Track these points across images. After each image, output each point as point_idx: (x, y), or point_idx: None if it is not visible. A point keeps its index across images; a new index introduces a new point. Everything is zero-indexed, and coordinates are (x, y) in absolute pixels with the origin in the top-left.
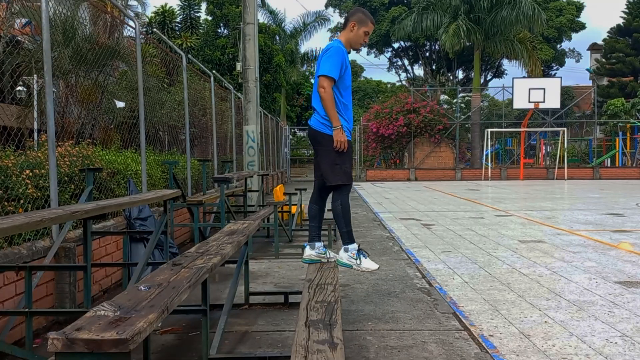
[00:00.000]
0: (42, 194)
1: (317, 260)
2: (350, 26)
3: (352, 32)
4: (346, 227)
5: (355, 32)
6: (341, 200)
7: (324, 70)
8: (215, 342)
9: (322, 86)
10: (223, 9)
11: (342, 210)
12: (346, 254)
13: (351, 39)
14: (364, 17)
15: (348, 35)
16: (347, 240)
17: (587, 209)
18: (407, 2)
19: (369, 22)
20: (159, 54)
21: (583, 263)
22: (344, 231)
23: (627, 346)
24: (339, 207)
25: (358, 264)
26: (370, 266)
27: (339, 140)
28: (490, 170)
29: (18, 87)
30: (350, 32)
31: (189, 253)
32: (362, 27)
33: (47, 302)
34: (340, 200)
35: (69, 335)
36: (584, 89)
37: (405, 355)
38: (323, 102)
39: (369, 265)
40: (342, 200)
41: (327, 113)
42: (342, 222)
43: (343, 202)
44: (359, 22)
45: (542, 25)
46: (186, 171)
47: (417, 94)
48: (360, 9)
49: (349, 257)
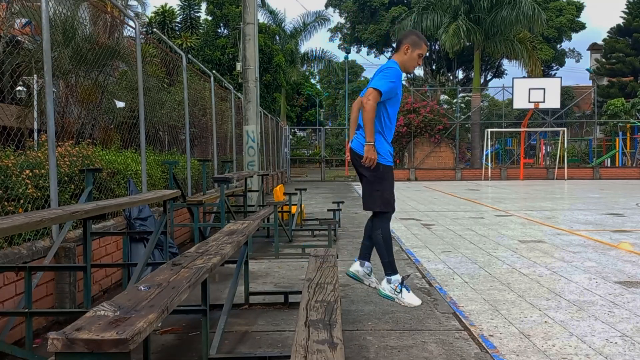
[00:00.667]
0: (42, 194)
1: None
2: (404, 49)
3: (406, 55)
4: (388, 257)
5: (409, 54)
6: (382, 229)
7: (376, 83)
8: (215, 342)
9: (368, 97)
10: (223, 9)
11: (383, 238)
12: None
13: (405, 61)
14: (417, 40)
15: (402, 57)
16: (389, 270)
17: (587, 209)
18: (407, 2)
19: (423, 44)
20: (159, 54)
21: (583, 263)
22: (386, 261)
23: (627, 346)
24: (379, 235)
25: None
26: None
27: (368, 156)
28: (490, 170)
29: (18, 87)
30: (404, 55)
31: (188, 253)
32: (416, 50)
33: (47, 302)
34: (381, 229)
35: (69, 335)
36: (584, 89)
37: (405, 355)
38: (364, 112)
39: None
40: (382, 229)
41: (364, 125)
42: (383, 251)
43: (384, 231)
44: (412, 45)
45: (542, 25)
46: (186, 171)
47: (417, 94)
48: (413, 31)
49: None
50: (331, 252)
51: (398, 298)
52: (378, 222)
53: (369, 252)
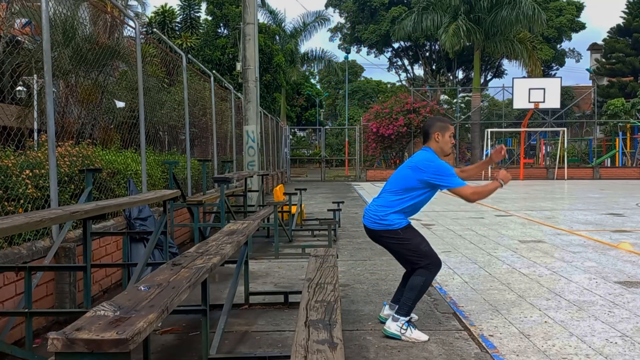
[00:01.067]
0: (42, 194)
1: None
2: (435, 137)
3: (438, 142)
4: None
5: (442, 140)
6: (426, 279)
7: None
8: (215, 342)
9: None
10: (223, 9)
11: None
12: (394, 323)
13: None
14: (443, 124)
15: (435, 145)
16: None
17: (587, 209)
18: (407, 2)
19: (449, 125)
20: (159, 54)
21: (583, 263)
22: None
23: (627, 346)
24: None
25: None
26: (422, 338)
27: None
28: (490, 170)
29: (18, 87)
30: (436, 142)
31: (188, 253)
32: (447, 133)
33: (47, 302)
34: (426, 279)
35: (69, 335)
36: (584, 89)
37: (405, 355)
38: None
39: (420, 336)
40: (427, 279)
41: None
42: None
43: (427, 281)
44: (441, 130)
45: (542, 25)
46: (186, 171)
47: (417, 94)
48: (436, 118)
49: (397, 326)
50: (331, 252)
51: (405, 335)
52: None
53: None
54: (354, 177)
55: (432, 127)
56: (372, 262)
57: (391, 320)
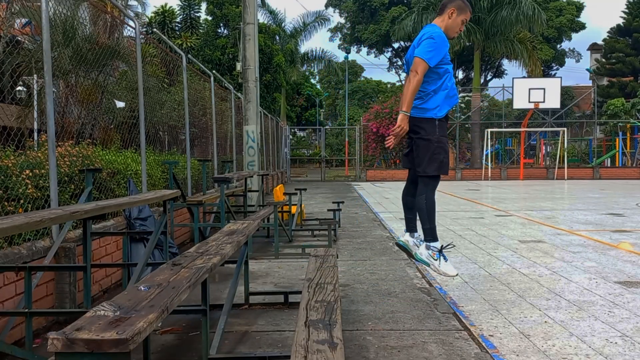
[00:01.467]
0: (42, 194)
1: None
2: (449, 12)
3: (450, 19)
4: (429, 224)
5: (454, 19)
6: (426, 195)
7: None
8: (215, 342)
9: (416, 70)
10: (223, 9)
11: (427, 205)
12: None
13: (448, 25)
14: (463, 5)
15: (446, 22)
16: (429, 237)
17: (587, 209)
18: (407, 2)
19: (468, 10)
20: (159, 54)
21: (583, 263)
22: (427, 227)
23: (627, 346)
24: (423, 202)
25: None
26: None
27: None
28: (490, 170)
29: (18, 87)
30: (448, 18)
31: (188, 253)
32: (462, 15)
33: (47, 302)
34: (426, 195)
35: (69, 335)
36: (584, 89)
37: (405, 355)
38: (408, 84)
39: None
40: (427, 195)
41: (404, 95)
42: (426, 217)
43: (428, 197)
44: (458, 10)
45: (542, 25)
46: (186, 171)
47: None
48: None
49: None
50: (331, 252)
51: (434, 265)
52: (423, 188)
53: (413, 223)
54: (354, 177)
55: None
56: (372, 262)
57: (424, 247)
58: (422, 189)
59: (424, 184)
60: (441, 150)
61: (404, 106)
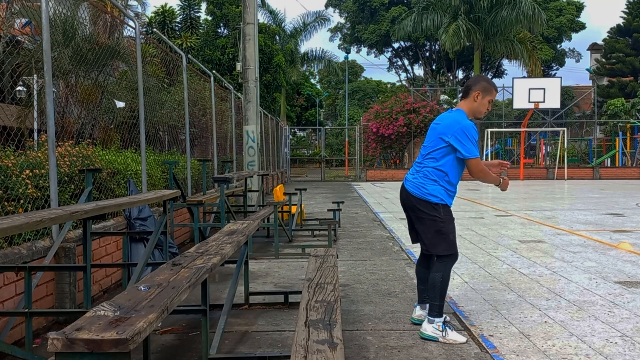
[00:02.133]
0: (42, 194)
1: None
2: (474, 95)
3: (475, 102)
4: (439, 301)
5: (480, 101)
6: (443, 273)
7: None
8: (215, 342)
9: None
10: (223, 9)
11: (441, 282)
12: (431, 325)
13: (475, 108)
14: (488, 86)
15: (472, 105)
16: (435, 313)
17: (587, 209)
18: (407, 2)
19: (493, 90)
20: (159, 54)
21: (583, 263)
22: (436, 304)
23: (627, 346)
24: (439, 278)
25: (445, 337)
26: (459, 339)
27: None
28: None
29: (18, 87)
30: (474, 101)
31: (188, 253)
32: (487, 97)
33: (47, 302)
34: (443, 273)
35: (69, 335)
36: (584, 89)
37: (405, 355)
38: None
39: (457, 338)
40: (444, 273)
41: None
42: (437, 294)
43: (444, 275)
44: (483, 92)
45: (542, 25)
46: (186, 171)
47: (417, 94)
48: (482, 77)
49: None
50: (331, 252)
51: (443, 337)
52: (440, 265)
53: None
54: (354, 177)
55: (476, 85)
56: (372, 262)
57: (427, 323)
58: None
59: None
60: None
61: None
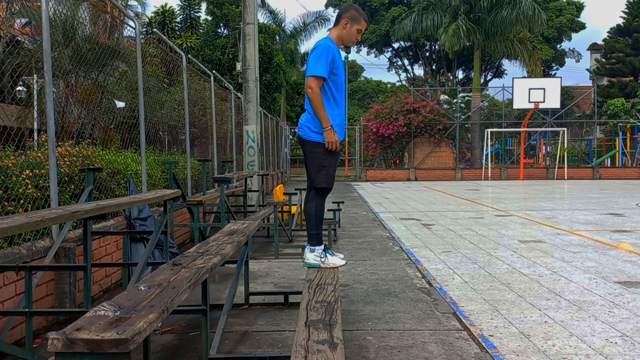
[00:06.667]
0: (42, 194)
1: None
2: (343, 23)
3: (344, 30)
4: (316, 230)
5: (348, 29)
6: (316, 203)
7: (311, 70)
8: (215, 342)
9: (310, 87)
10: (223, 9)
11: (316, 212)
12: (312, 254)
13: (343, 36)
14: (357, 15)
15: (340, 32)
16: (314, 242)
17: (587, 209)
18: (407, 2)
19: (362, 19)
20: (159, 54)
21: (583, 263)
22: (313, 233)
23: (627, 346)
24: (313, 208)
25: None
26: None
27: (329, 141)
28: (490, 170)
29: (18, 87)
30: (342, 29)
31: (189, 253)
32: (355, 25)
33: (47, 302)
34: (316, 203)
35: (69, 335)
36: (584, 89)
37: (405, 355)
38: (311, 102)
39: (336, 261)
40: (317, 203)
41: (316, 114)
42: (313, 223)
43: (318, 205)
44: (352, 20)
45: (542, 25)
46: (186, 171)
47: (417, 94)
48: (353, 5)
49: (315, 256)
50: None
51: (323, 262)
52: (314, 196)
53: None
54: (354, 177)
55: (345, 13)
56: (372, 262)
57: (309, 252)
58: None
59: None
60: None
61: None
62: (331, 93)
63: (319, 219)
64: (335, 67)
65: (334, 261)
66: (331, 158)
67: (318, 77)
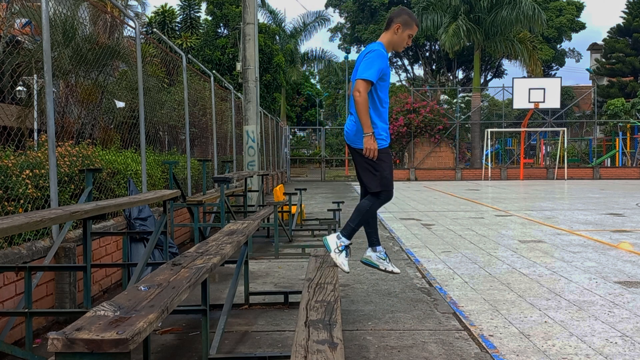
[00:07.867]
0: (42, 194)
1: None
2: (395, 28)
3: (396, 35)
4: (355, 226)
5: (400, 34)
6: (372, 204)
7: (363, 73)
8: (215, 342)
9: (358, 90)
10: (223, 9)
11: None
12: (337, 240)
13: (395, 41)
14: (409, 20)
15: (392, 37)
16: (345, 233)
17: (587, 209)
18: (407, 2)
19: (414, 24)
20: (159, 54)
21: (583, 263)
22: (352, 226)
23: (627, 346)
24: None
25: (334, 256)
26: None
27: (368, 147)
28: (490, 170)
29: (18, 87)
30: (394, 34)
31: (188, 253)
32: (407, 30)
33: (47, 302)
34: (371, 204)
35: (69, 335)
36: (584, 89)
37: (405, 355)
38: (357, 106)
39: (344, 264)
40: (372, 204)
41: (360, 119)
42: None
43: (372, 207)
44: (404, 25)
45: (542, 25)
46: (186, 171)
47: (417, 94)
48: (405, 9)
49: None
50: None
51: (334, 254)
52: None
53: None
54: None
55: (398, 17)
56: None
57: (335, 237)
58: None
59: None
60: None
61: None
62: (378, 99)
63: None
64: (386, 73)
65: (342, 261)
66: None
67: (368, 81)
